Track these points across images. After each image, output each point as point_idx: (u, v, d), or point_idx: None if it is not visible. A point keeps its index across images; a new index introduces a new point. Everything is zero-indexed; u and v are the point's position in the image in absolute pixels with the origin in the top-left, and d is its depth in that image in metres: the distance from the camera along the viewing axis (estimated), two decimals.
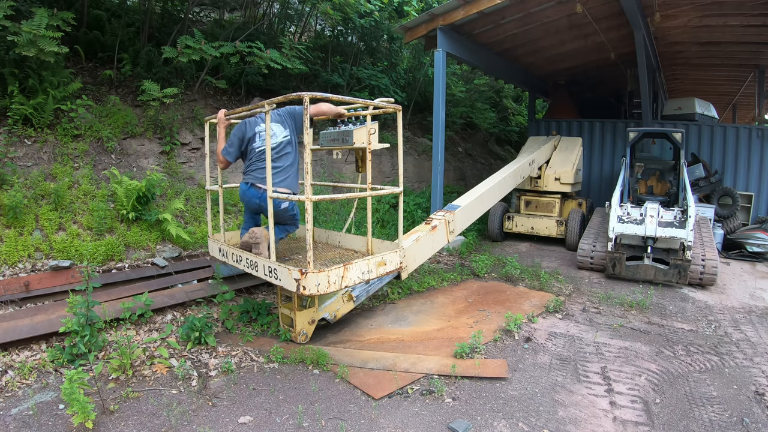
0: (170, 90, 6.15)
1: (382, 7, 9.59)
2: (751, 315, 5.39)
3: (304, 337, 4.25)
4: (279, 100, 3.50)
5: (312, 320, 4.28)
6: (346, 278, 3.66)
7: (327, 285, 3.51)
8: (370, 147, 4.21)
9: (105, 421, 3.01)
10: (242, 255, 4.07)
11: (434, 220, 5.42)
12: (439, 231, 5.35)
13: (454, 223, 5.60)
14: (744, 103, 14.75)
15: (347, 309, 4.69)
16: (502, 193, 7.22)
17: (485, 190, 6.61)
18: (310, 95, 3.35)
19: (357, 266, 3.75)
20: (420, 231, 5.18)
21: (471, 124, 14.38)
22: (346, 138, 4.35)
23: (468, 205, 6.03)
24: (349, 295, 4.64)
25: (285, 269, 3.53)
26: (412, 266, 4.88)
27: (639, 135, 8.51)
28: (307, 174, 3.38)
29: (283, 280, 3.56)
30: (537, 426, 3.12)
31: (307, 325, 4.25)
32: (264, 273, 3.79)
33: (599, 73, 12.58)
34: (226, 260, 4.37)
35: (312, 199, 3.39)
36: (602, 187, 11.28)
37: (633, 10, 7.57)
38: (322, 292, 3.51)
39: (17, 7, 5.27)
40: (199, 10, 8.69)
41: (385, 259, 4.02)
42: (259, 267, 3.85)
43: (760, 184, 10.02)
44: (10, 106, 5.30)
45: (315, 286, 3.44)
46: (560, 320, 5.08)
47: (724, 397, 3.54)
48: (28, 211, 4.97)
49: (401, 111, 4.21)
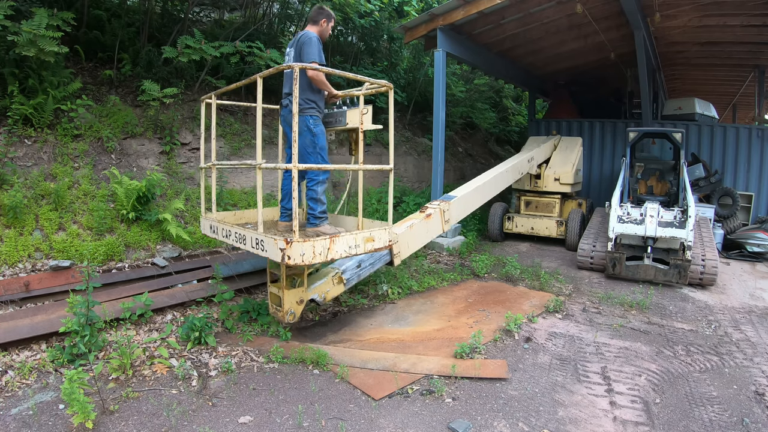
0: (170, 90, 6.15)
1: (382, 7, 9.59)
2: (751, 315, 5.39)
3: (292, 316, 4.15)
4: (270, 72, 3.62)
5: (300, 300, 4.19)
6: (333, 250, 3.62)
7: (312, 255, 3.48)
8: (362, 127, 4.23)
9: (105, 421, 3.01)
10: (231, 229, 4.04)
11: (429, 208, 5.41)
12: (434, 219, 5.31)
13: (449, 213, 5.57)
14: (744, 103, 14.75)
15: (337, 292, 4.58)
16: (500, 187, 7.22)
17: (483, 182, 6.63)
18: (300, 66, 3.47)
19: (344, 239, 3.72)
20: (414, 218, 5.16)
21: (471, 124, 14.38)
22: (340, 119, 4.42)
23: (464, 196, 6.02)
24: (339, 278, 4.53)
25: (271, 239, 3.50)
26: (405, 253, 4.85)
27: (639, 135, 8.51)
28: (295, 143, 3.39)
29: (269, 250, 3.53)
30: (537, 426, 3.12)
31: (295, 304, 4.16)
32: (251, 245, 3.76)
33: (599, 73, 12.58)
34: (216, 236, 4.33)
35: (299, 167, 3.41)
36: (602, 187, 11.28)
37: (633, 10, 7.57)
38: (307, 263, 3.48)
39: (17, 7, 5.27)
40: (199, 10, 8.70)
41: (373, 235, 3.98)
42: (246, 240, 3.82)
43: (760, 184, 10.02)
44: (10, 106, 5.30)
45: (300, 255, 3.41)
46: (560, 320, 5.08)
47: (724, 397, 3.54)
48: (28, 211, 4.97)
49: (392, 89, 4.24)
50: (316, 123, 4.18)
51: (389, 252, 4.72)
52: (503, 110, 16.33)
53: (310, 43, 4.04)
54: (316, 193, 4.25)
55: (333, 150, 8.74)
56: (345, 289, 4.70)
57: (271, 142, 7.68)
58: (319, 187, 4.25)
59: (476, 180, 6.76)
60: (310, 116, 4.13)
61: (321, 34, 4.30)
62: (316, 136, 4.17)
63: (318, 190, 4.25)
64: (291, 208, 3.57)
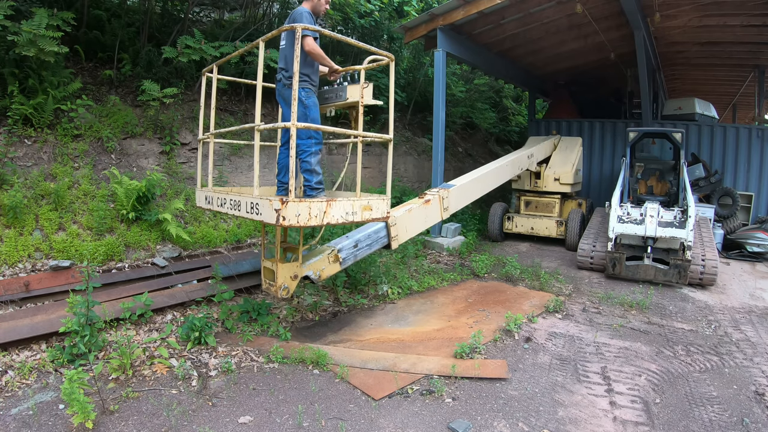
0: (170, 90, 6.15)
1: (382, 7, 9.60)
2: (751, 315, 5.39)
3: (286, 291, 4.08)
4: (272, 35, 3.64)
5: (295, 275, 4.12)
6: (329, 214, 3.58)
7: (308, 217, 3.43)
8: (363, 101, 4.22)
9: (105, 421, 3.01)
10: (226, 197, 3.99)
11: (428, 194, 5.40)
12: (433, 205, 5.29)
13: (448, 200, 5.56)
14: (744, 103, 14.75)
15: (333, 270, 4.49)
16: (499, 180, 7.24)
17: (482, 173, 6.66)
18: (302, 26, 3.43)
19: (341, 204, 3.67)
20: (413, 203, 5.15)
21: (471, 124, 14.38)
22: (340, 93, 4.41)
23: (464, 186, 6.03)
24: (335, 256, 4.46)
25: (266, 201, 3.42)
26: (403, 237, 4.81)
27: (639, 135, 8.51)
28: (294, 100, 3.36)
29: (264, 213, 3.45)
30: (537, 426, 3.12)
31: (289, 279, 4.09)
32: (246, 211, 3.69)
33: (599, 73, 12.58)
34: (210, 206, 4.28)
35: (298, 125, 3.38)
36: (602, 187, 11.28)
37: (633, 10, 7.57)
38: (302, 224, 3.42)
39: (17, 7, 5.26)
40: (199, 10, 8.69)
41: (371, 204, 3.93)
42: (241, 206, 3.76)
43: (760, 184, 10.03)
44: (10, 106, 5.30)
45: (295, 216, 3.35)
46: (560, 320, 5.08)
47: (724, 397, 3.54)
48: (28, 211, 4.97)
49: (393, 60, 4.20)
50: (308, 95, 4.17)
51: (387, 234, 4.66)
52: (503, 110, 16.33)
53: (301, 18, 4.01)
54: (310, 164, 4.18)
55: (333, 150, 8.74)
56: (341, 269, 4.58)
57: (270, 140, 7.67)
58: (312, 158, 4.19)
59: (476, 171, 6.81)
60: (302, 89, 4.10)
61: (314, 9, 4.23)
62: (307, 107, 4.15)
63: (311, 161, 4.19)
64: (287, 182, 3.52)
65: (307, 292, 5.38)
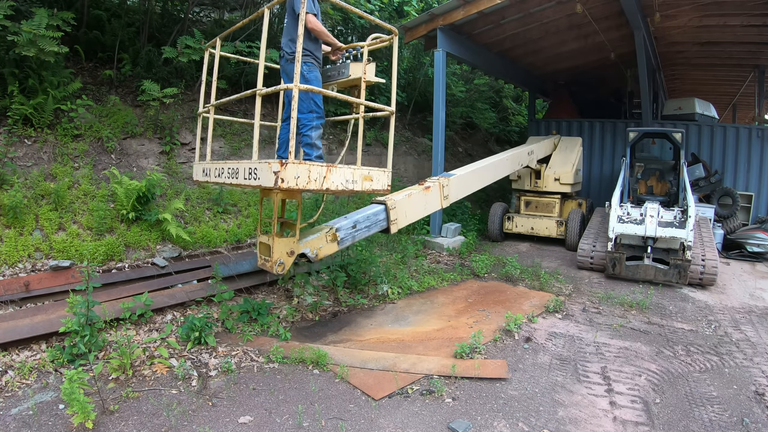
0: (170, 90, 6.16)
1: (382, 7, 9.59)
2: (751, 315, 5.39)
3: (281, 267, 3.98)
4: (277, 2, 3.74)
5: (291, 251, 4.02)
6: (329, 179, 3.54)
7: (307, 180, 3.38)
8: (365, 77, 4.23)
9: (105, 421, 3.01)
10: (223, 167, 3.94)
11: (428, 181, 5.39)
12: (433, 193, 5.29)
13: (448, 189, 5.56)
14: (744, 103, 14.75)
15: (330, 250, 4.37)
16: (498, 174, 7.25)
17: (482, 165, 6.68)
18: None
19: (342, 171, 3.62)
20: (413, 189, 5.14)
21: (471, 124, 14.37)
22: (343, 71, 4.42)
23: (464, 176, 6.04)
24: (333, 235, 4.34)
25: (264, 164, 3.32)
26: (402, 222, 4.79)
27: (639, 135, 8.51)
28: (297, 62, 3.34)
29: (262, 177, 3.35)
30: (537, 426, 3.12)
31: (285, 255, 3.97)
32: (244, 177, 3.59)
33: (599, 73, 12.58)
34: (208, 178, 4.24)
35: (300, 87, 3.35)
36: (602, 187, 11.29)
37: (633, 10, 7.57)
38: (301, 187, 3.36)
39: (17, 7, 5.26)
40: (199, 10, 8.70)
41: (372, 174, 3.91)
42: (239, 173, 3.67)
43: (760, 184, 10.03)
44: (10, 106, 5.30)
45: (294, 178, 3.30)
46: (560, 320, 5.08)
47: (724, 397, 3.54)
48: (28, 211, 4.97)
49: (397, 35, 4.22)
50: (310, 69, 4.18)
51: (386, 218, 4.63)
52: (503, 110, 16.33)
53: None
54: (311, 138, 4.17)
55: (333, 150, 8.74)
56: (338, 249, 4.50)
57: (270, 140, 7.68)
58: (313, 132, 4.18)
59: (476, 163, 6.83)
60: (304, 63, 4.11)
61: None
62: (309, 81, 4.13)
63: (312, 135, 4.17)
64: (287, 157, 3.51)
65: (307, 292, 5.38)
